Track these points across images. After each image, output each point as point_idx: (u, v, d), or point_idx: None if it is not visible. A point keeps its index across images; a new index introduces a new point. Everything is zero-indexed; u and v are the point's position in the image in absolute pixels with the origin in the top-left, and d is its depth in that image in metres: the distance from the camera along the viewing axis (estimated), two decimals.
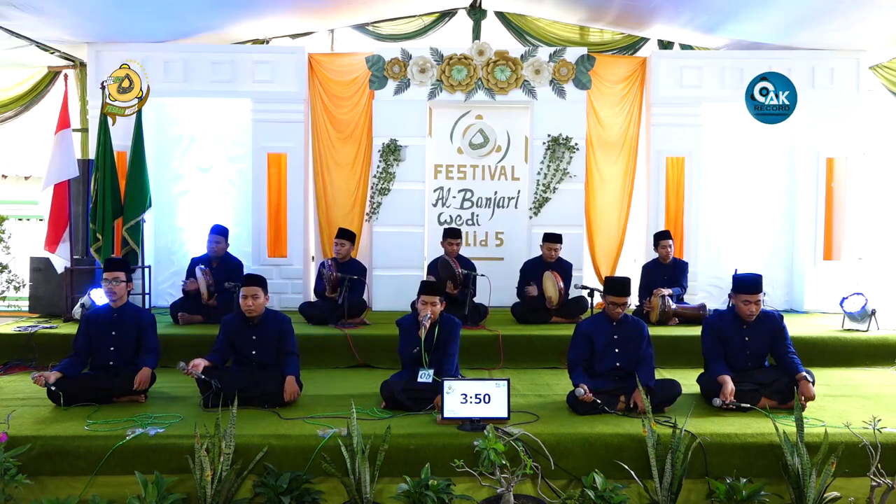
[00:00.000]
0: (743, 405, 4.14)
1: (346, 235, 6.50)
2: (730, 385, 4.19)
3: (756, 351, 4.49)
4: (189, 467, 3.51)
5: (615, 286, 4.42)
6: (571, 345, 4.48)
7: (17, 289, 6.90)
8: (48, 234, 6.67)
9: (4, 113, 7.52)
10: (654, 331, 4.62)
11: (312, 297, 7.01)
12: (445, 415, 3.88)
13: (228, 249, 6.67)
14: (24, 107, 7.56)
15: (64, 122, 6.76)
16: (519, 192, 7.53)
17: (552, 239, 6.54)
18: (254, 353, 4.54)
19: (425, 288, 4.53)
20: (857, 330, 6.12)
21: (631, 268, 7.46)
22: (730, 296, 5.96)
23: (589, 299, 5.93)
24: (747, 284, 4.42)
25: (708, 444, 3.73)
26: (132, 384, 4.38)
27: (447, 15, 7.82)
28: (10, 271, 6.83)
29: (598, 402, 4.12)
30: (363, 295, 6.50)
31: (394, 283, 7.18)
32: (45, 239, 6.69)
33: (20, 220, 8.29)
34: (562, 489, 3.72)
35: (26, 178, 8.42)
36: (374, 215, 7.35)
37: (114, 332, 4.57)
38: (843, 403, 4.48)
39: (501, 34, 7.80)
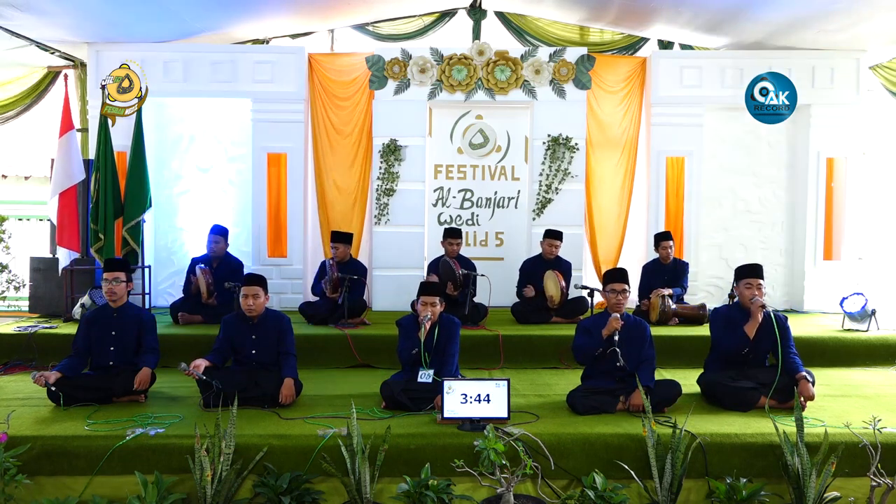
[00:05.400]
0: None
1: (340, 238, 6.46)
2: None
3: (759, 345, 4.48)
4: (189, 467, 3.51)
5: (612, 273, 4.53)
6: (575, 343, 4.47)
7: (17, 289, 6.90)
8: (62, 235, 6.68)
9: (5, 113, 7.52)
10: (654, 331, 4.61)
11: (312, 298, 7.01)
12: (445, 415, 3.88)
13: (228, 249, 6.67)
14: (24, 107, 7.55)
15: (67, 125, 6.75)
16: (519, 192, 7.53)
17: (553, 235, 6.56)
18: (253, 352, 4.54)
19: (425, 289, 4.54)
20: (857, 330, 6.12)
21: (631, 268, 7.45)
22: (730, 295, 6.00)
23: (589, 299, 5.93)
24: (747, 268, 4.53)
25: (708, 444, 3.73)
26: (132, 384, 4.38)
27: (447, 15, 7.81)
28: (10, 271, 6.83)
29: (616, 344, 4.17)
30: (363, 295, 6.49)
31: (394, 283, 7.19)
32: (57, 237, 6.72)
33: (20, 220, 8.29)
34: (562, 489, 3.72)
35: (26, 178, 8.41)
36: (384, 217, 7.33)
37: (114, 333, 4.57)
38: (843, 403, 4.48)
39: (501, 34, 7.79)
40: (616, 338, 4.20)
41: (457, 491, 3.59)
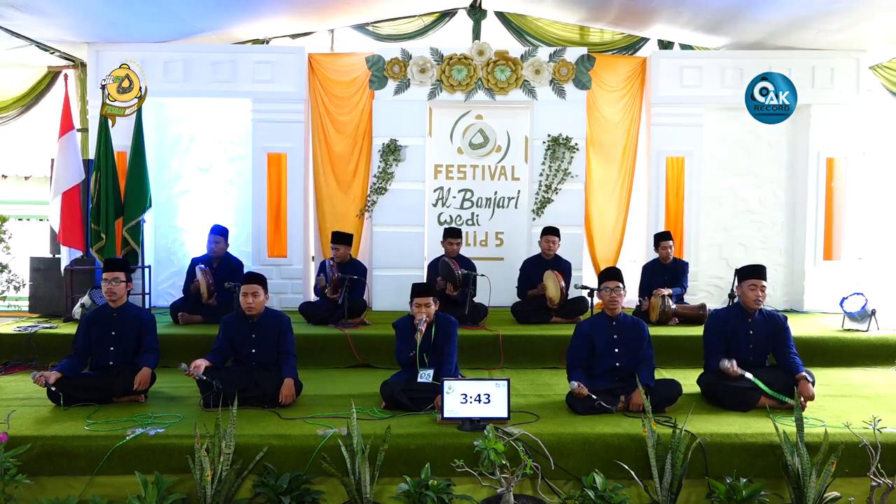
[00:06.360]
0: (747, 375, 4.18)
1: (341, 239, 6.45)
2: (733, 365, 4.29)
3: (759, 345, 4.51)
4: (189, 467, 3.51)
5: (606, 272, 4.58)
6: (571, 346, 4.49)
7: (17, 289, 6.90)
8: (66, 234, 6.66)
9: (6, 113, 7.52)
10: (654, 331, 4.62)
11: (312, 297, 7.01)
12: (445, 415, 3.88)
13: (228, 249, 6.67)
14: (25, 107, 7.56)
15: (67, 125, 6.74)
16: (519, 192, 7.53)
17: (551, 231, 6.58)
18: (253, 351, 4.54)
19: (417, 290, 4.53)
20: (857, 330, 6.12)
21: (630, 268, 7.46)
22: (730, 295, 6.01)
23: (589, 299, 5.93)
24: (752, 269, 4.52)
25: (708, 444, 3.73)
26: (132, 384, 4.38)
27: (447, 15, 7.81)
28: (10, 271, 6.83)
29: (594, 397, 4.13)
30: (363, 295, 6.49)
31: (394, 283, 7.17)
32: (60, 236, 6.70)
33: (20, 220, 8.29)
34: (562, 489, 3.72)
35: (26, 178, 8.42)
36: (369, 213, 7.35)
37: (114, 333, 4.57)
38: (843, 403, 4.48)
39: (501, 34, 7.80)
40: (595, 396, 4.15)
41: (457, 491, 3.59)
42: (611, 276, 4.51)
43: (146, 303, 6.87)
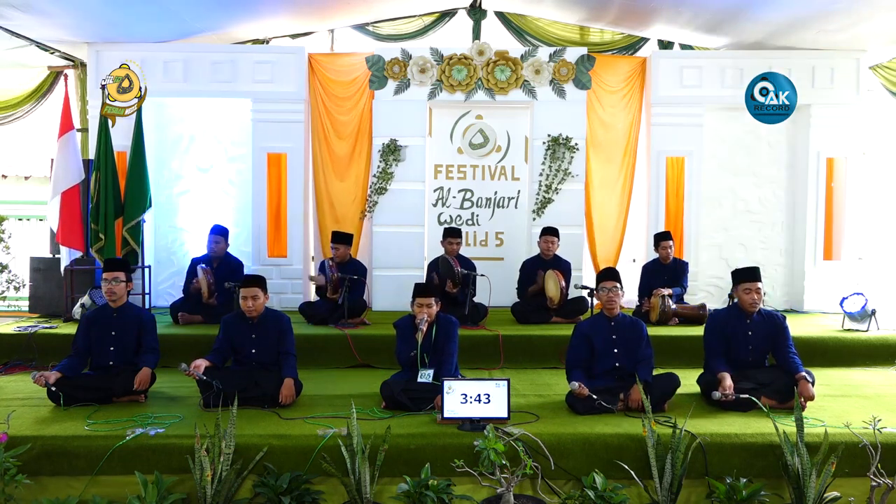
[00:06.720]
0: (742, 396, 4.15)
1: (341, 239, 6.45)
2: (728, 380, 4.25)
3: (758, 345, 4.51)
4: (189, 467, 3.51)
5: (603, 273, 4.59)
6: (570, 346, 4.49)
7: (17, 289, 6.90)
8: (65, 234, 6.66)
9: (13, 112, 7.52)
10: (654, 331, 4.63)
11: (312, 297, 7.01)
12: (445, 415, 3.88)
13: (228, 249, 6.67)
14: (31, 106, 7.55)
15: (67, 125, 6.75)
16: (519, 192, 7.53)
17: (550, 232, 6.59)
18: (253, 352, 4.54)
19: (419, 290, 4.53)
20: (857, 330, 6.12)
21: (630, 268, 7.47)
22: (730, 295, 6.01)
23: (589, 300, 5.93)
24: (746, 272, 4.53)
25: (708, 444, 3.73)
26: (132, 384, 4.38)
27: (447, 15, 7.81)
28: (10, 271, 6.83)
29: (594, 397, 4.13)
30: (363, 295, 6.49)
31: (394, 283, 7.18)
32: (59, 236, 6.70)
33: (20, 220, 8.29)
34: (562, 489, 3.72)
35: (26, 178, 8.42)
36: (370, 213, 7.36)
37: (114, 333, 4.57)
38: (843, 403, 4.48)
39: (501, 34, 7.80)
40: (595, 396, 4.14)
41: (457, 491, 3.59)
42: (608, 276, 4.52)
43: (146, 303, 6.87)
